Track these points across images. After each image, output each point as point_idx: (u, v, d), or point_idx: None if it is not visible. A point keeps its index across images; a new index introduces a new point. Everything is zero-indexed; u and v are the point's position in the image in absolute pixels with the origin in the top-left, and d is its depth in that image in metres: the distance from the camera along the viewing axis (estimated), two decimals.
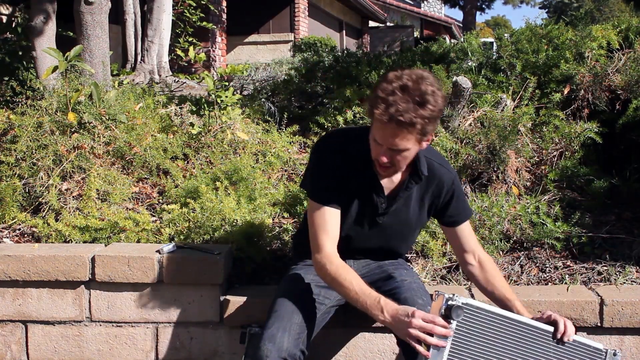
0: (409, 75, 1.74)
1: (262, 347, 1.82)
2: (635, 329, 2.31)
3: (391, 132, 1.74)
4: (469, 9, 20.88)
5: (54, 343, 2.49)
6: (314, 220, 1.94)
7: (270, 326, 1.87)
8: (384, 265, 2.15)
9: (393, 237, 2.11)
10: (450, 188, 2.03)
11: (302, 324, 1.90)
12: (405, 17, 24.86)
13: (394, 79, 1.73)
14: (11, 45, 4.72)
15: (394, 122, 1.71)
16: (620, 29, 3.77)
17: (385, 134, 1.76)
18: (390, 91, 1.71)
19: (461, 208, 2.07)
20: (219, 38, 9.94)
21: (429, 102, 1.71)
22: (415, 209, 2.04)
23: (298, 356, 1.85)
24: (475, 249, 2.07)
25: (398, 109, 1.69)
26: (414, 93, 1.70)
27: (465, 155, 3.05)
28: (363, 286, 1.80)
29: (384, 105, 1.70)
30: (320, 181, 1.95)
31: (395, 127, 1.72)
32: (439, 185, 2.02)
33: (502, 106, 3.29)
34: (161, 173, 3.17)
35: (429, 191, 2.02)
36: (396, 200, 2.00)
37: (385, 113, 1.70)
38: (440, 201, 2.04)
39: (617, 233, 2.76)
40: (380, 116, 1.71)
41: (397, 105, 1.69)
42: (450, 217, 2.06)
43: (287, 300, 1.95)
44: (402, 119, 1.69)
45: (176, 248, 2.45)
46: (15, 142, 3.06)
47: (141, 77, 7.02)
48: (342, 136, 2.03)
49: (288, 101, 4.34)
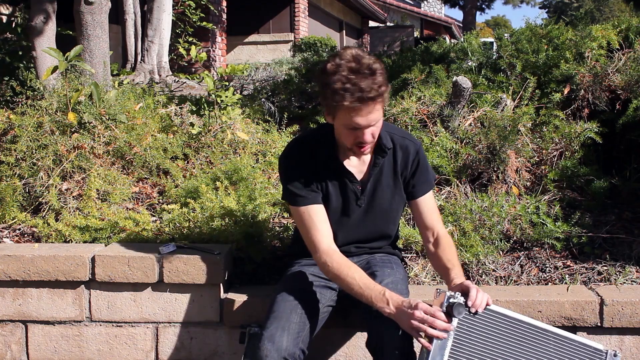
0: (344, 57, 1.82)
1: (262, 347, 1.82)
2: (635, 329, 2.31)
3: (367, 111, 1.82)
4: (469, 9, 20.88)
5: (54, 343, 2.49)
6: (303, 223, 1.99)
7: (269, 326, 1.87)
8: (373, 262, 2.15)
9: (378, 218, 2.13)
10: (416, 157, 2.07)
11: (300, 323, 1.90)
12: (405, 17, 24.86)
13: (336, 68, 1.80)
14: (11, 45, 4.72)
15: (367, 102, 1.79)
16: (620, 29, 3.77)
17: (366, 116, 1.83)
18: (344, 79, 1.78)
19: (424, 178, 2.10)
20: (219, 38, 9.94)
21: (377, 69, 1.80)
22: (389, 183, 2.08)
23: (298, 355, 1.85)
24: (435, 225, 2.09)
25: (362, 89, 1.77)
26: (362, 69, 1.79)
27: (465, 155, 3.05)
28: (367, 280, 1.85)
29: (348, 93, 1.77)
30: (295, 186, 2.00)
31: (370, 105, 1.80)
32: (404, 155, 2.07)
33: (502, 106, 3.29)
34: (161, 173, 3.17)
35: (397, 163, 2.07)
36: (369, 180, 2.05)
37: (354, 99, 1.78)
38: (408, 171, 2.08)
39: (617, 233, 2.76)
40: (352, 103, 1.78)
41: (359, 86, 1.77)
42: (413, 187, 2.09)
43: (285, 300, 1.96)
44: (371, 95, 1.78)
45: (176, 248, 2.45)
46: (15, 142, 3.07)
47: (141, 77, 7.02)
48: (298, 141, 2.09)
49: (288, 101, 4.35)
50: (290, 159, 2.04)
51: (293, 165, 2.02)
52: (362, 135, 1.88)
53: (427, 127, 3.25)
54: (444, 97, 3.44)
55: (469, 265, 2.58)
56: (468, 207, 2.76)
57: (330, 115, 1.90)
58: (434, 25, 25.30)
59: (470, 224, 2.68)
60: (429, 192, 2.10)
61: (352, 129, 1.87)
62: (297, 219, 2.02)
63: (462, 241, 2.63)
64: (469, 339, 1.73)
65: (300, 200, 1.99)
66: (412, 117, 3.31)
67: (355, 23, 17.52)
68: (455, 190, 2.93)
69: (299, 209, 1.99)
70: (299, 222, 2.01)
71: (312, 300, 2.01)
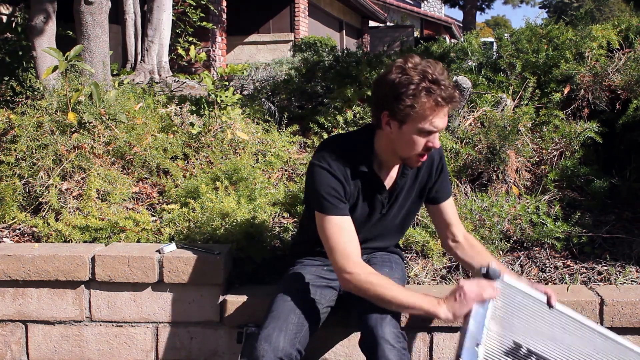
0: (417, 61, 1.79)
1: (258, 347, 1.82)
2: (635, 328, 2.30)
3: (444, 112, 1.80)
4: (469, 8, 20.88)
5: (54, 343, 2.49)
6: (332, 233, 1.89)
7: (266, 326, 1.87)
8: (372, 259, 2.15)
9: (393, 225, 2.13)
10: (439, 163, 2.06)
11: (298, 323, 1.90)
12: (405, 17, 24.86)
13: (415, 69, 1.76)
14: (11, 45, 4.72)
15: (452, 102, 1.78)
16: (620, 28, 3.77)
17: (444, 118, 1.81)
18: (431, 79, 1.75)
19: (446, 183, 2.09)
20: (219, 38, 9.94)
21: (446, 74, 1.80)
22: (411, 192, 2.07)
23: (294, 356, 1.84)
24: (459, 226, 2.11)
25: (448, 88, 1.76)
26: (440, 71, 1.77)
27: (465, 155, 3.05)
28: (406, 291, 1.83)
29: (439, 89, 1.75)
30: (328, 193, 1.91)
31: (451, 106, 1.79)
32: (428, 163, 2.04)
33: (502, 106, 3.29)
34: (161, 173, 3.17)
35: (420, 171, 2.05)
36: (396, 192, 2.04)
37: (444, 96, 1.75)
38: (432, 179, 2.06)
39: (617, 233, 2.76)
40: (443, 101, 1.75)
41: (447, 85, 1.76)
42: (437, 193, 2.08)
43: (285, 300, 1.96)
44: (457, 95, 1.80)
45: (176, 248, 2.45)
46: (15, 142, 3.06)
47: (141, 77, 7.02)
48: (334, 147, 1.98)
49: (288, 101, 4.34)
50: (324, 164, 1.93)
51: (327, 171, 1.92)
52: (433, 139, 1.83)
53: None
54: None
55: None
56: (468, 207, 2.76)
57: (397, 121, 1.82)
58: (434, 25, 25.30)
59: (470, 224, 2.68)
60: (450, 196, 2.11)
61: (426, 134, 1.82)
62: (325, 228, 1.91)
63: None
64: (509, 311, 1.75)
65: (332, 209, 1.90)
66: None
67: (355, 23, 17.52)
68: (455, 190, 2.93)
69: (331, 218, 1.90)
70: (328, 231, 1.90)
71: (311, 301, 2.00)
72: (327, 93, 4.17)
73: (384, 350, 1.80)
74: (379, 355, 1.80)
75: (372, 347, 1.83)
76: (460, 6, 24.05)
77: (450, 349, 2.35)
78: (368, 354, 1.87)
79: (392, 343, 1.81)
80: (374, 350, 1.82)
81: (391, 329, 1.83)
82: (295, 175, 3.26)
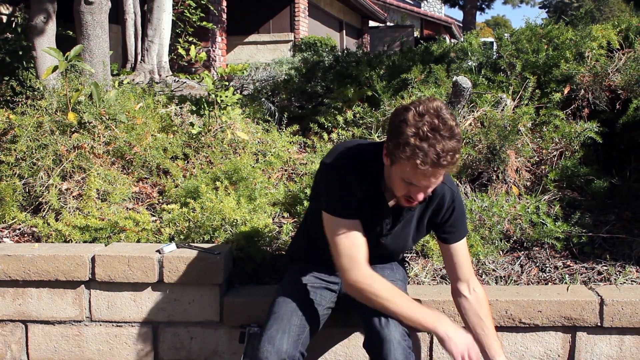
0: (427, 110, 1.66)
1: (262, 348, 1.82)
2: (635, 328, 2.31)
3: (432, 174, 1.68)
4: (468, 8, 20.86)
5: (54, 343, 2.49)
6: (341, 236, 1.85)
7: (269, 328, 1.87)
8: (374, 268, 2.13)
9: (392, 252, 2.12)
10: (451, 205, 1.96)
11: (301, 325, 1.90)
12: (405, 17, 24.85)
13: (415, 120, 1.65)
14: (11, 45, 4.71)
15: (437, 167, 1.65)
16: (620, 28, 3.77)
17: (429, 179, 1.70)
18: (422, 136, 1.63)
19: (457, 225, 1.99)
20: (219, 38, 9.93)
21: (456, 131, 1.66)
22: (415, 226, 2.02)
23: (297, 358, 1.85)
24: (470, 277, 2.00)
25: (439, 153, 1.63)
26: (443, 129, 1.64)
27: (465, 155, 3.05)
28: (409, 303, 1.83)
29: (422, 152, 1.63)
30: (343, 198, 1.86)
31: (437, 170, 1.67)
32: (439, 202, 1.96)
33: (502, 106, 3.29)
34: (161, 173, 3.17)
35: (429, 208, 1.97)
36: (399, 221, 1.98)
37: (426, 161, 1.64)
38: (439, 219, 1.98)
39: (617, 233, 2.76)
40: (422, 165, 1.64)
41: (436, 149, 1.63)
42: (445, 234, 2.00)
43: (286, 301, 1.96)
44: (445, 162, 1.64)
45: (176, 248, 2.45)
46: (15, 142, 3.06)
47: (141, 77, 7.02)
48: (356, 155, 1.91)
49: (288, 101, 4.35)
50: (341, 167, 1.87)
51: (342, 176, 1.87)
52: (415, 193, 1.76)
53: None
54: (444, 97, 3.43)
55: None
56: (468, 207, 2.76)
57: (390, 159, 1.75)
58: (434, 25, 25.29)
59: (470, 224, 2.68)
60: (462, 239, 2.01)
61: (404, 182, 1.75)
62: (334, 230, 1.86)
63: None
64: None
65: (344, 212, 1.85)
66: None
67: (355, 23, 17.51)
68: None
69: (341, 221, 1.85)
70: (337, 234, 1.85)
71: (312, 303, 2.01)
72: (327, 93, 4.17)
73: (391, 349, 1.80)
74: (385, 354, 1.80)
75: (379, 346, 1.82)
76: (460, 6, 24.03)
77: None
78: (373, 353, 1.86)
79: (399, 341, 1.81)
80: (380, 349, 1.82)
81: (397, 327, 1.84)
82: (295, 175, 3.26)
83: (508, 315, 2.29)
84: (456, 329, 1.79)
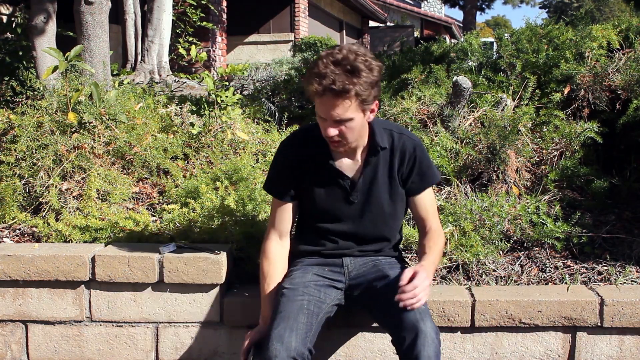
0: (340, 49, 1.86)
1: (270, 347, 1.82)
2: (635, 328, 2.31)
3: (330, 103, 1.85)
4: (469, 8, 20.87)
5: (54, 343, 2.49)
6: (270, 211, 2.17)
7: (276, 327, 1.87)
8: (380, 265, 2.15)
9: (376, 217, 2.12)
10: (413, 154, 2.07)
11: (308, 323, 1.91)
12: (405, 17, 24.87)
13: (326, 55, 1.86)
14: (11, 45, 4.72)
15: (329, 92, 1.82)
16: (620, 28, 3.77)
17: (325, 107, 1.87)
18: (323, 65, 1.83)
19: (421, 176, 2.09)
20: (219, 38, 9.94)
21: (361, 70, 1.83)
22: (385, 182, 2.08)
23: (306, 355, 1.86)
24: (429, 219, 2.12)
25: (330, 79, 1.81)
26: (344, 63, 1.82)
27: (465, 155, 3.05)
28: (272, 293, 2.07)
29: (318, 79, 1.82)
30: (274, 175, 2.13)
31: (331, 97, 1.84)
32: (401, 153, 2.07)
33: (502, 106, 3.29)
34: (161, 173, 3.17)
35: (394, 161, 2.07)
36: (361, 178, 2.06)
37: (320, 85, 1.82)
38: (404, 169, 2.08)
39: (617, 233, 2.76)
40: (316, 89, 1.83)
41: (330, 76, 1.81)
42: (411, 184, 2.09)
43: (292, 300, 1.96)
44: (334, 87, 1.81)
45: (176, 248, 2.45)
46: (16, 142, 3.06)
47: (141, 77, 7.02)
48: (302, 132, 2.17)
49: (288, 101, 4.35)
50: (282, 148, 2.13)
51: (283, 154, 2.12)
52: (325, 128, 1.92)
53: (427, 127, 3.25)
54: (444, 97, 3.43)
55: (469, 265, 2.58)
56: (468, 207, 2.76)
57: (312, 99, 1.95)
58: (434, 25, 25.30)
59: (470, 224, 2.68)
60: (426, 189, 2.11)
61: (320, 118, 1.93)
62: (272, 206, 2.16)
63: (462, 241, 2.63)
64: None
65: (272, 190, 2.14)
66: (412, 117, 3.31)
67: (355, 23, 17.52)
68: (456, 190, 2.93)
69: (272, 199, 2.15)
70: (272, 209, 2.15)
71: (317, 301, 2.02)
72: None
73: (425, 344, 1.81)
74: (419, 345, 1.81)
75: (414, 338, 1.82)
76: (460, 6, 24.04)
77: (450, 348, 2.35)
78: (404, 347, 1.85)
79: (433, 338, 1.83)
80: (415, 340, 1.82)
81: (432, 324, 1.86)
82: None
83: (508, 315, 2.29)
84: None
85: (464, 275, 2.56)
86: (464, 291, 2.40)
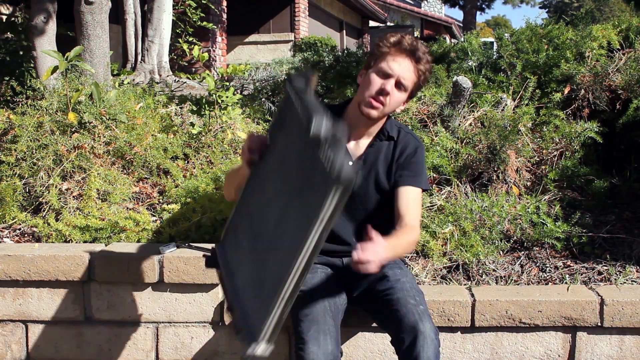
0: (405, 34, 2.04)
1: (307, 350, 1.79)
2: (635, 328, 2.31)
3: (404, 63, 1.98)
4: (469, 8, 20.86)
5: (54, 343, 2.49)
6: None
7: (308, 330, 1.85)
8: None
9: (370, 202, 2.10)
10: (413, 152, 2.10)
11: (335, 325, 1.91)
12: (405, 16, 24.86)
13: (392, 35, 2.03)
14: (11, 45, 4.72)
15: (410, 55, 1.98)
16: (620, 28, 3.77)
17: (397, 64, 1.98)
18: (409, 37, 2.00)
19: (413, 172, 2.08)
20: (219, 38, 9.93)
21: (428, 68, 2.03)
22: (384, 170, 2.10)
23: (339, 357, 1.86)
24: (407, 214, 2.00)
25: (415, 45, 1.99)
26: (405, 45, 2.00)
27: (465, 155, 3.05)
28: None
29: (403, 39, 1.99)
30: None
31: (407, 59, 1.99)
32: (402, 149, 2.11)
33: (503, 106, 3.29)
34: (161, 173, 3.17)
35: (395, 155, 2.10)
36: (362, 157, 2.09)
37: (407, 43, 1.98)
38: (401, 159, 2.10)
39: (617, 233, 2.76)
40: (401, 44, 1.98)
41: (414, 44, 1.99)
42: (399, 176, 2.08)
43: (314, 303, 1.95)
44: (418, 52, 1.98)
45: (176, 248, 2.45)
46: (16, 142, 3.06)
47: (141, 77, 7.02)
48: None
49: None
50: None
51: None
52: (386, 83, 1.98)
53: (427, 127, 3.25)
54: (444, 97, 3.43)
55: (469, 265, 2.58)
56: (468, 207, 2.76)
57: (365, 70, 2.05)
58: (434, 25, 25.29)
59: (470, 223, 2.68)
60: (413, 185, 2.06)
61: (379, 74, 1.99)
62: None
63: (462, 241, 2.63)
64: None
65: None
66: (412, 117, 3.31)
67: (356, 23, 17.51)
68: (456, 190, 2.93)
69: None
70: None
71: (334, 302, 2.02)
72: (327, 93, 4.17)
73: (424, 345, 1.81)
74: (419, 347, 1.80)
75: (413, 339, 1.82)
76: (460, 6, 24.03)
77: (450, 348, 2.35)
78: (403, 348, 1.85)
79: (432, 339, 1.83)
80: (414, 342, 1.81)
81: (431, 324, 1.86)
82: None
83: (508, 315, 2.29)
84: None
85: (464, 275, 2.56)
86: (464, 291, 2.40)
